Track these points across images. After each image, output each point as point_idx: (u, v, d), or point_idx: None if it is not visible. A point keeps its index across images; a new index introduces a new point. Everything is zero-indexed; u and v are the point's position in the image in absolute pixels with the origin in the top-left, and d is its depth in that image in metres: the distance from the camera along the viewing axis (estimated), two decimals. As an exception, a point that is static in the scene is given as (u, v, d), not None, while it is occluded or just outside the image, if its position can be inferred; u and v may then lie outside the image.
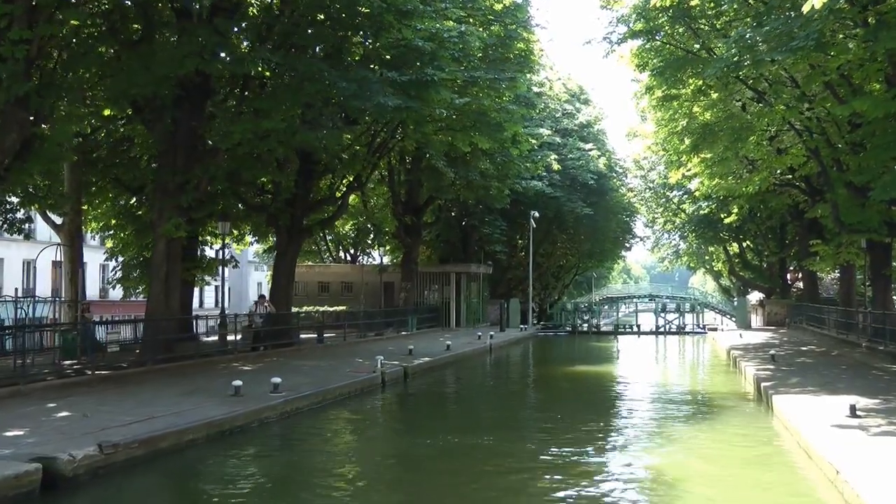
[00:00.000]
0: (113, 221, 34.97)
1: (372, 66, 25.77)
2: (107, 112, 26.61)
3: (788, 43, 19.02)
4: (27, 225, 29.70)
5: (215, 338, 30.06)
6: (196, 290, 52.53)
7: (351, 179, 34.58)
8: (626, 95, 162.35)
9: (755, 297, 63.96)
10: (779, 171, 38.11)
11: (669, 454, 14.02)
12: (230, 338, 28.26)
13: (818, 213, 37.44)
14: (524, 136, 39.43)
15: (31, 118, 18.76)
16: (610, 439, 15.66)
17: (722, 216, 51.76)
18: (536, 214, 51.94)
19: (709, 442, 15.16)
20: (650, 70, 30.59)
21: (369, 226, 53.83)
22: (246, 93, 25.16)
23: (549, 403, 22.51)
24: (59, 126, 20.04)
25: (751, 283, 64.68)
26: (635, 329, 60.36)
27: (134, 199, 32.04)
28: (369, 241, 58.46)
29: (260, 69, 23.06)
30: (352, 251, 62.68)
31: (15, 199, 28.90)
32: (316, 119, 25.04)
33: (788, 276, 60.32)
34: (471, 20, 29.39)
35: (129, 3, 22.11)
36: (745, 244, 63.71)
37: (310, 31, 24.07)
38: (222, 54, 20.98)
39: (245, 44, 24.68)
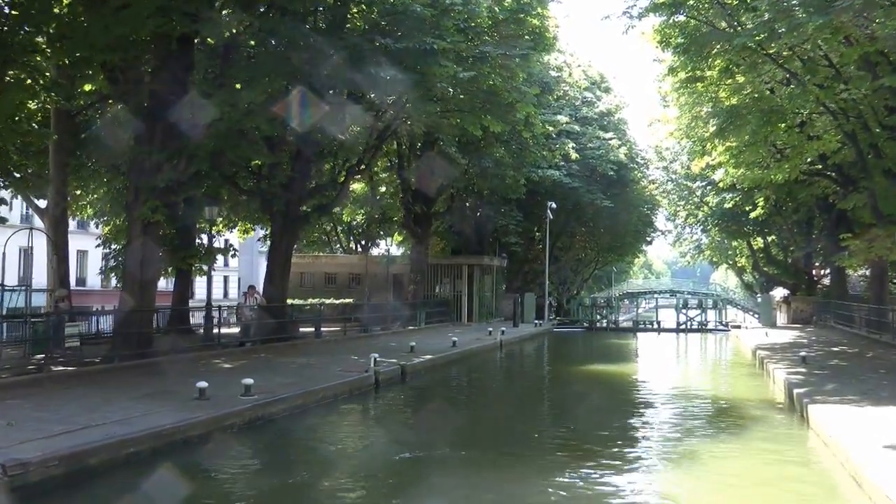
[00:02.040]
0: (109, 207, 33.38)
1: (376, 42, 23.73)
2: (87, 87, 24.76)
3: (830, 5, 16.87)
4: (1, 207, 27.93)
5: (220, 329, 27.72)
6: (203, 280, 51.09)
7: (353, 164, 32.48)
8: (647, 81, 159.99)
9: (779, 293, 61.80)
10: (808, 160, 35.92)
11: (689, 477, 12.01)
12: (215, 331, 26.36)
13: (851, 204, 35.24)
14: (537, 118, 37.30)
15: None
16: (621, 458, 13.59)
17: (747, 209, 49.63)
18: (554, 205, 49.90)
19: (736, 462, 13.09)
20: (673, 48, 28.42)
21: (376, 216, 51.85)
22: (229, 65, 22.95)
23: (559, 410, 20.46)
24: (6, 95, 18.01)
25: (775, 278, 62.60)
26: (655, 326, 58.83)
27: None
28: (379, 231, 56.51)
29: (234, 32, 21.01)
30: (363, 242, 60.78)
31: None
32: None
33: (814, 271, 58.11)
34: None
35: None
36: (769, 238, 61.58)
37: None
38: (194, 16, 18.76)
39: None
